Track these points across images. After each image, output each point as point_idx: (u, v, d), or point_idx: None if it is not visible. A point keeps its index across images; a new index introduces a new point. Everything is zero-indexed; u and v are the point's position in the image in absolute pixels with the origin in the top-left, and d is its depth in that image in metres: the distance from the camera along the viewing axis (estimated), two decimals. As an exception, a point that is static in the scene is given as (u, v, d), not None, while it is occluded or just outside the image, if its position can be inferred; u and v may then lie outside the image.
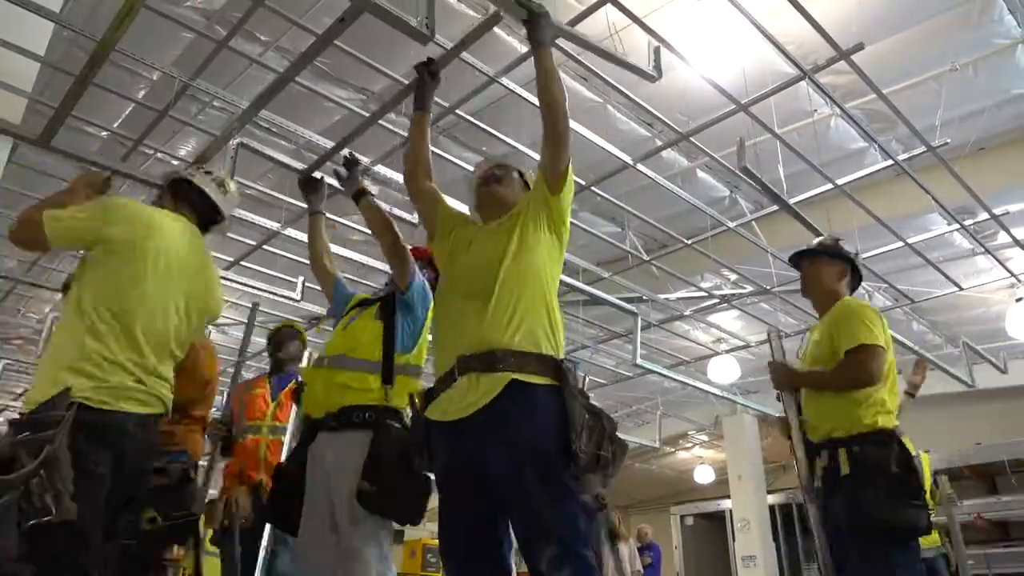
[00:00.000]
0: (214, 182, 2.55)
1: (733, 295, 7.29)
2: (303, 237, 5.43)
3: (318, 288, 6.00)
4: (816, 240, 3.03)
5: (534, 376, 1.91)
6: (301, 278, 6.16)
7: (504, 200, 2.27)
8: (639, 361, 6.88)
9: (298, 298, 6.14)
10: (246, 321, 4.02)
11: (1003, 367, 7.93)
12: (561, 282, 6.24)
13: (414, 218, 5.62)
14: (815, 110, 5.14)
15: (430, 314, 2.51)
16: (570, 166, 2.19)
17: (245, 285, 5.80)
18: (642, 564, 9.53)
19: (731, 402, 9.40)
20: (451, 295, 2.14)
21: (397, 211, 5.49)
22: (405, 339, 2.55)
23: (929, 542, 4.97)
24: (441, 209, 2.33)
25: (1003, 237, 5.88)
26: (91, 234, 2.21)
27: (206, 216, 2.52)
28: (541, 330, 2.03)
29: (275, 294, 6.01)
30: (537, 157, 4.86)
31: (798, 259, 2.92)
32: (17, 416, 2.07)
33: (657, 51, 3.45)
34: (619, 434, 1.96)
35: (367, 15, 2.58)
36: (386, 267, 5.72)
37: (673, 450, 13.55)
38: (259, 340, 4.67)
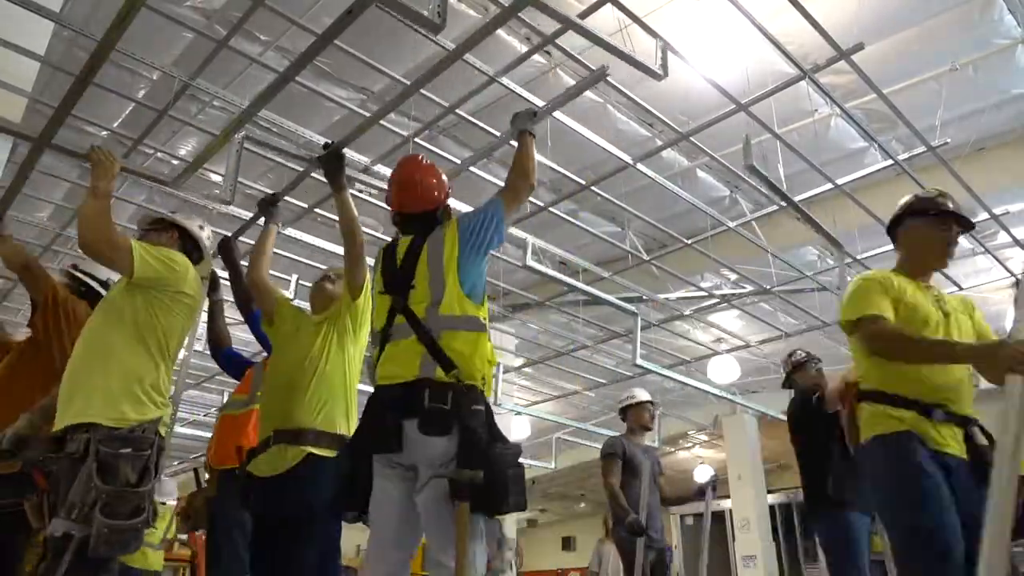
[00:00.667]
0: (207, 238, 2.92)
1: (733, 295, 7.29)
2: (303, 236, 5.47)
3: (309, 285, 6.02)
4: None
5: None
6: (295, 276, 6.16)
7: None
8: (639, 361, 6.88)
9: (291, 297, 6.15)
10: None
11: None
12: (561, 282, 6.18)
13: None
14: (815, 110, 5.14)
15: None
16: (367, 281, 2.72)
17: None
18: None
19: (731, 402, 9.40)
20: None
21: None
22: None
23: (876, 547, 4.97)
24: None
25: (1003, 237, 5.88)
26: (174, 284, 2.54)
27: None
28: None
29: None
30: (536, 156, 4.87)
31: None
32: (95, 423, 2.30)
33: (664, 49, 3.44)
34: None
35: (373, 9, 2.57)
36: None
37: (673, 450, 13.54)
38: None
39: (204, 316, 3.89)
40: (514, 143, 2.72)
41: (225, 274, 3.62)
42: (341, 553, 2.68)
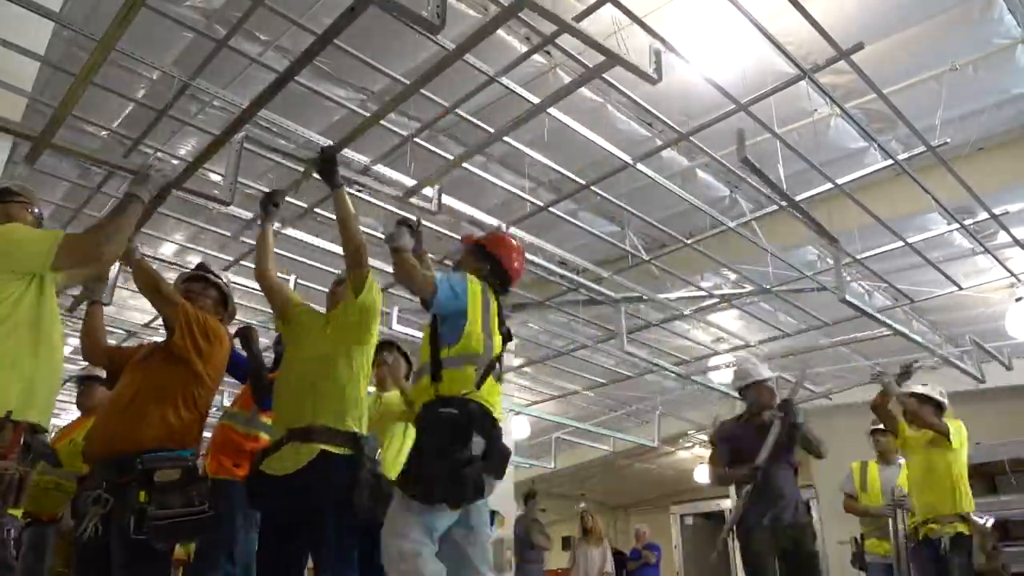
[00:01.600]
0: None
1: (733, 295, 7.28)
2: (303, 237, 5.47)
3: (310, 284, 6.12)
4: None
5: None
6: (293, 276, 6.15)
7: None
8: (627, 348, 6.94)
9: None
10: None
11: (1008, 364, 7.94)
12: (555, 281, 6.15)
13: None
14: (815, 110, 5.14)
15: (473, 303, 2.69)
16: (371, 277, 2.88)
17: (242, 286, 5.80)
18: (646, 562, 9.59)
19: (732, 399, 9.39)
20: None
21: (400, 212, 5.50)
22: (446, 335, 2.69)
23: (884, 550, 5.07)
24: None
25: (1003, 237, 5.88)
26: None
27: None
28: None
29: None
30: (536, 156, 4.89)
31: None
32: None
33: (658, 53, 3.44)
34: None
35: (373, 9, 2.57)
36: (383, 266, 5.66)
37: (673, 450, 13.54)
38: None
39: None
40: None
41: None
42: (355, 552, 2.72)
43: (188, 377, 2.78)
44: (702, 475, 13.23)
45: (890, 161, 4.79)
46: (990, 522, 4.53)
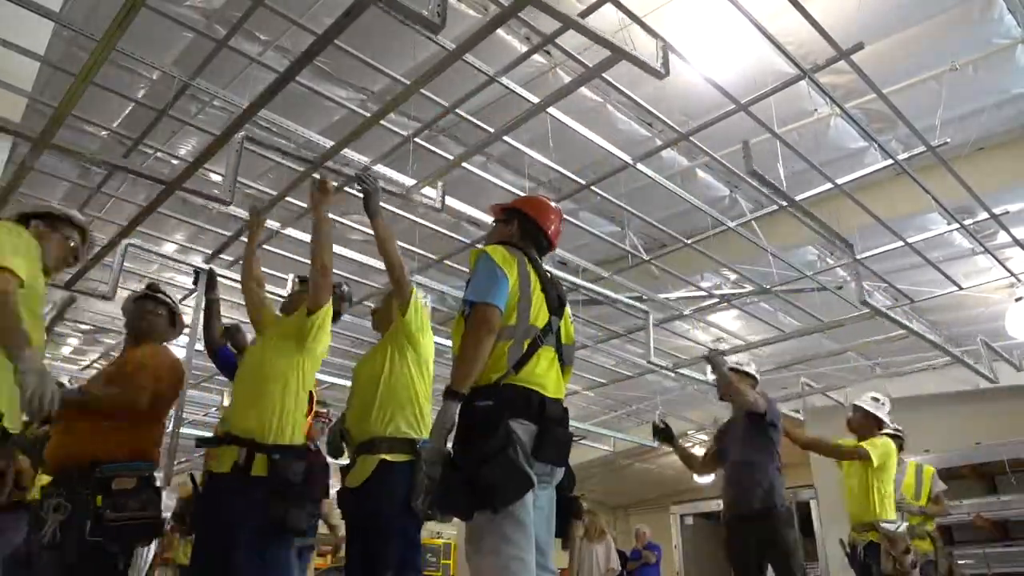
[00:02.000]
0: None
1: (733, 295, 7.28)
2: (303, 237, 5.46)
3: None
4: None
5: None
6: (292, 275, 6.13)
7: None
8: (653, 359, 6.90)
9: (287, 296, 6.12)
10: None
11: (1019, 365, 7.94)
12: (566, 280, 6.15)
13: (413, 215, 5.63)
14: (815, 110, 5.14)
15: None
16: (414, 295, 3.16)
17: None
18: (646, 562, 9.59)
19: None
20: None
21: (400, 212, 5.51)
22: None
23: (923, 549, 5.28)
24: None
25: (1003, 237, 5.88)
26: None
27: None
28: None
29: (272, 294, 5.98)
30: (536, 156, 4.89)
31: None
32: None
33: (664, 48, 3.44)
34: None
35: (373, 9, 2.57)
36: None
37: (673, 450, 13.52)
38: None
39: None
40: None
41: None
42: (421, 550, 3.06)
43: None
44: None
45: (890, 161, 4.79)
46: (902, 527, 4.91)
